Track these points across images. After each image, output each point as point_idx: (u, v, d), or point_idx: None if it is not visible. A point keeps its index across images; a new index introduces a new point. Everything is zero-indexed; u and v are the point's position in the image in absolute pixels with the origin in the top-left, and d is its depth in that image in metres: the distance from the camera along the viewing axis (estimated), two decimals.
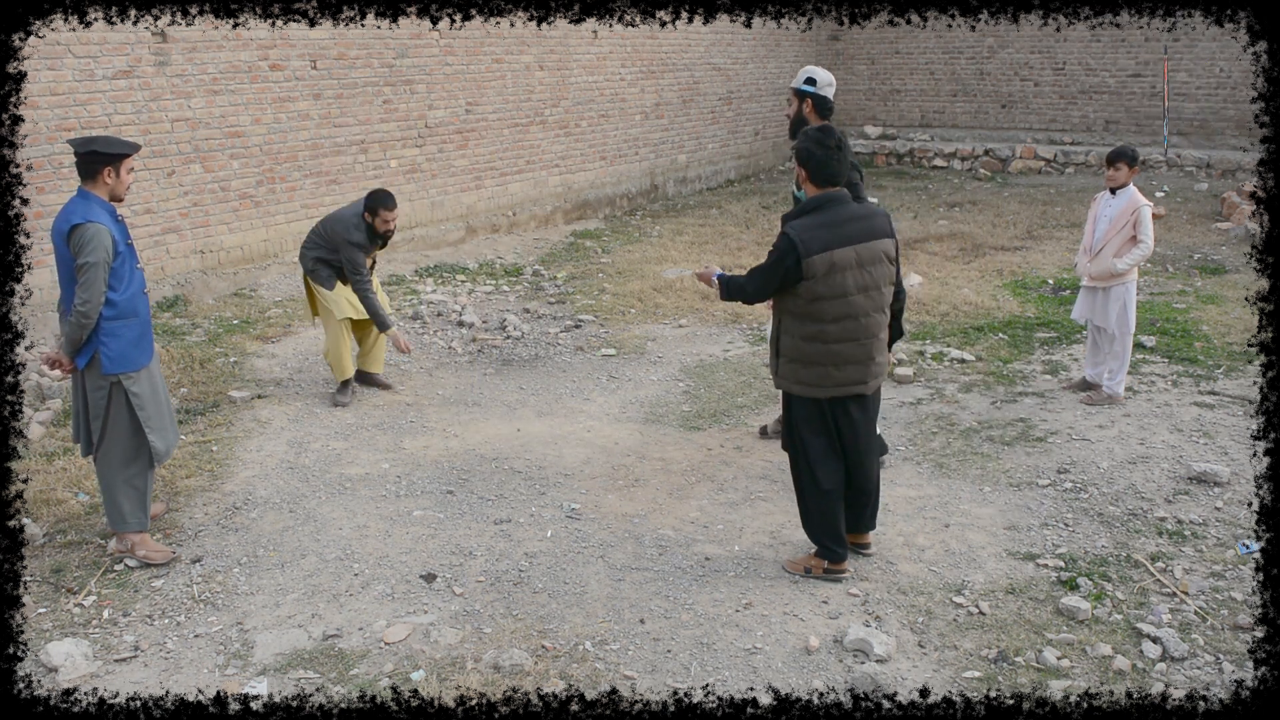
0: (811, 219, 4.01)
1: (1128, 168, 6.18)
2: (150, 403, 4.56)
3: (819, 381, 4.14)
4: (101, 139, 4.41)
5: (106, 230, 4.30)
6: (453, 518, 5.06)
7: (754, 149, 16.60)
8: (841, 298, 4.02)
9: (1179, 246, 10.66)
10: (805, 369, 4.14)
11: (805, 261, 3.94)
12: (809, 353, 4.10)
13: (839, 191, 4.08)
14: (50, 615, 4.24)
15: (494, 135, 11.69)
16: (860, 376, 4.15)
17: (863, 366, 4.14)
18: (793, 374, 4.17)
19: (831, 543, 4.33)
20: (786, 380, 4.22)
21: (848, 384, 4.15)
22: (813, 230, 3.98)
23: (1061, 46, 16.13)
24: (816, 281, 3.97)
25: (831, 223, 4.00)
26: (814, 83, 5.15)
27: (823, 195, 4.06)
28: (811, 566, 4.42)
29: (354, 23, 9.55)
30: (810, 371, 4.13)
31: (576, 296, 9.26)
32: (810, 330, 4.07)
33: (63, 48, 7.67)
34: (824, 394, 4.16)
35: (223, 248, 9.02)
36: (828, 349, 4.08)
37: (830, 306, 4.02)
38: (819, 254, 3.95)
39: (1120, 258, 6.17)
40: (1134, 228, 6.17)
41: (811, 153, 4.04)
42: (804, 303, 4.03)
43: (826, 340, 4.07)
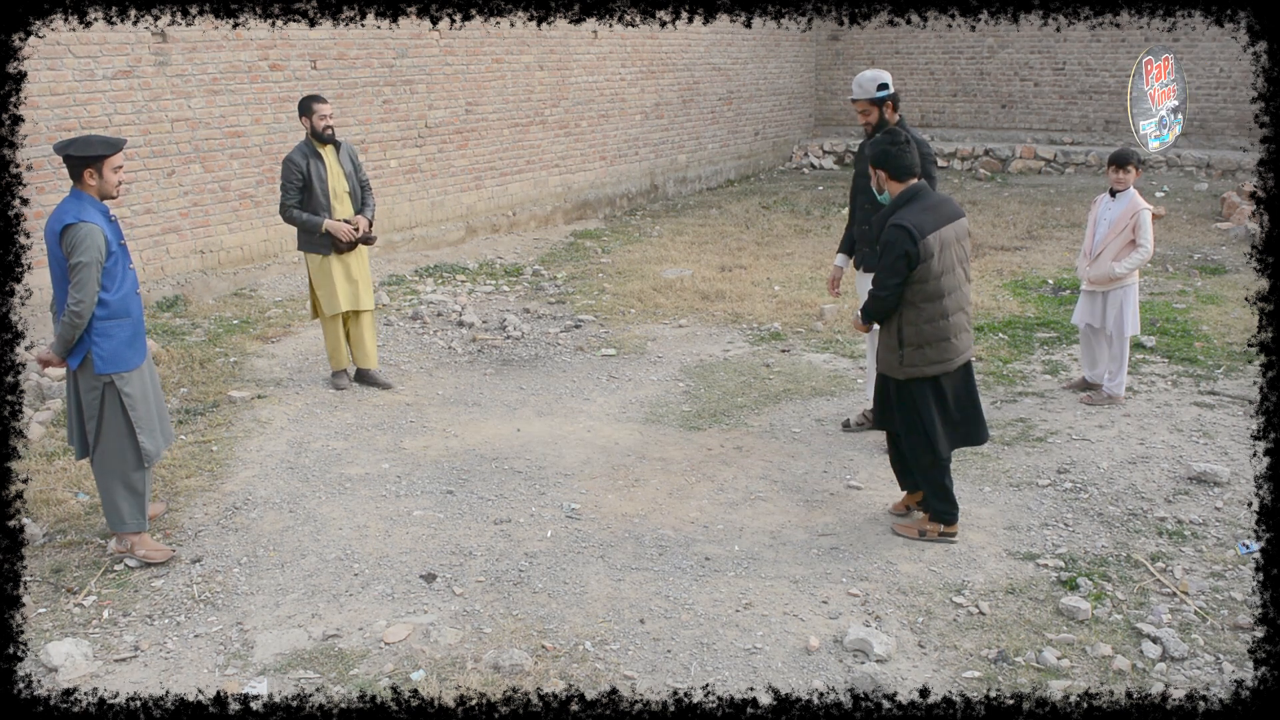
0: (911, 208, 4.41)
1: (1135, 170, 6.15)
2: (142, 404, 4.55)
3: (945, 356, 4.50)
4: (78, 141, 4.35)
5: (99, 230, 4.28)
6: (453, 518, 5.06)
7: (754, 149, 16.60)
8: (950, 271, 4.45)
9: (1179, 246, 10.66)
10: (932, 349, 4.48)
11: (922, 242, 4.32)
12: (931, 333, 4.46)
13: (921, 183, 4.51)
14: (50, 615, 4.24)
15: (494, 135, 11.69)
16: (970, 342, 4.63)
17: (970, 334, 4.61)
18: (922, 358, 4.49)
19: (949, 507, 4.68)
20: (917, 366, 4.50)
21: (966, 351, 4.59)
22: (918, 215, 4.37)
23: (1061, 46, 16.13)
24: (934, 259, 4.36)
25: (928, 207, 4.43)
26: (887, 86, 5.35)
27: (911, 187, 4.47)
28: (927, 530, 4.73)
29: (354, 23, 9.55)
30: (936, 349, 4.48)
31: (576, 296, 9.26)
32: (931, 311, 4.44)
33: (63, 48, 7.67)
34: (951, 366, 4.52)
35: (223, 248, 9.02)
36: (948, 323, 4.47)
37: (945, 281, 4.43)
38: (931, 234, 4.35)
39: (1118, 262, 6.15)
40: (1133, 231, 6.13)
41: (888, 153, 4.46)
42: (921, 285, 4.40)
43: (947, 314, 4.46)
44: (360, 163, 6.79)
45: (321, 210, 6.43)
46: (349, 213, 6.58)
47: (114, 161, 4.37)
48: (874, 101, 5.36)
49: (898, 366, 4.54)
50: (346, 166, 6.59)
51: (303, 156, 6.41)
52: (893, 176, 4.48)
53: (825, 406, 6.51)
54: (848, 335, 7.95)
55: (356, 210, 6.62)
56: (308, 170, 6.39)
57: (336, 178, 6.53)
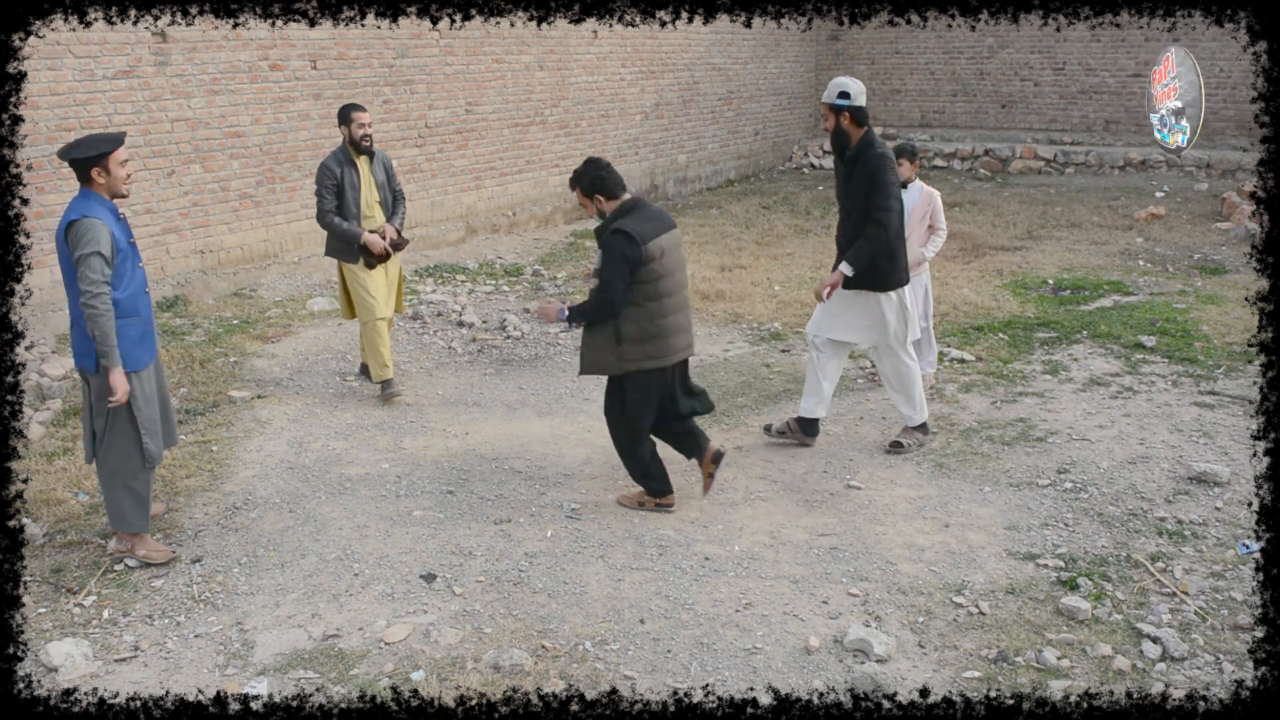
0: (631, 217, 4.74)
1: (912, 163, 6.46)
2: (147, 405, 4.54)
3: (661, 353, 4.84)
4: (79, 143, 4.34)
5: (103, 224, 4.27)
6: (453, 518, 5.06)
7: (754, 149, 16.60)
8: (670, 276, 4.80)
9: (1179, 246, 10.66)
10: (651, 345, 4.81)
11: (644, 247, 4.66)
12: (651, 330, 4.80)
13: (638, 197, 4.89)
14: (50, 615, 4.24)
15: (494, 135, 11.69)
16: (688, 342, 4.97)
17: (687, 334, 4.96)
18: (641, 353, 4.82)
19: (655, 482, 5.08)
20: (635, 361, 4.82)
21: (683, 350, 4.94)
22: (639, 224, 4.71)
23: (1061, 46, 16.13)
24: (655, 263, 4.70)
25: (647, 217, 4.78)
26: (848, 95, 5.30)
27: (627, 202, 4.81)
28: (645, 501, 5.13)
29: (354, 23, 9.55)
30: (654, 346, 4.82)
31: (576, 297, 9.26)
32: (652, 309, 4.77)
33: (63, 48, 7.67)
34: (667, 362, 4.86)
35: (223, 248, 9.02)
36: (666, 322, 4.81)
37: (664, 284, 4.78)
38: (652, 240, 4.70)
39: (925, 247, 6.47)
40: (931, 217, 6.49)
41: (600, 178, 4.78)
42: (643, 286, 4.73)
43: (665, 314, 4.80)
44: (394, 172, 6.66)
45: (351, 219, 6.33)
46: (380, 223, 6.50)
47: (119, 156, 4.35)
48: (833, 108, 5.34)
49: (614, 364, 4.84)
50: (380, 177, 6.48)
51: (338, 164, 6.28)
52: (608, 198, 4.80)
53: None
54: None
55: (387, 220, 6.53)
56: (341, 178, 6.27)
57: (369, 188, 6.42)
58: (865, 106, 5.37)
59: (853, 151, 5.39)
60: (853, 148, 5.39)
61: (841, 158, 5.46)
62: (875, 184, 5.31)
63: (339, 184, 6.28)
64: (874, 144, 5.39)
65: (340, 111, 6.35)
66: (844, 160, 5.45)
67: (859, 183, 5.37)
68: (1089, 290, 9.07)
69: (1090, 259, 10.24)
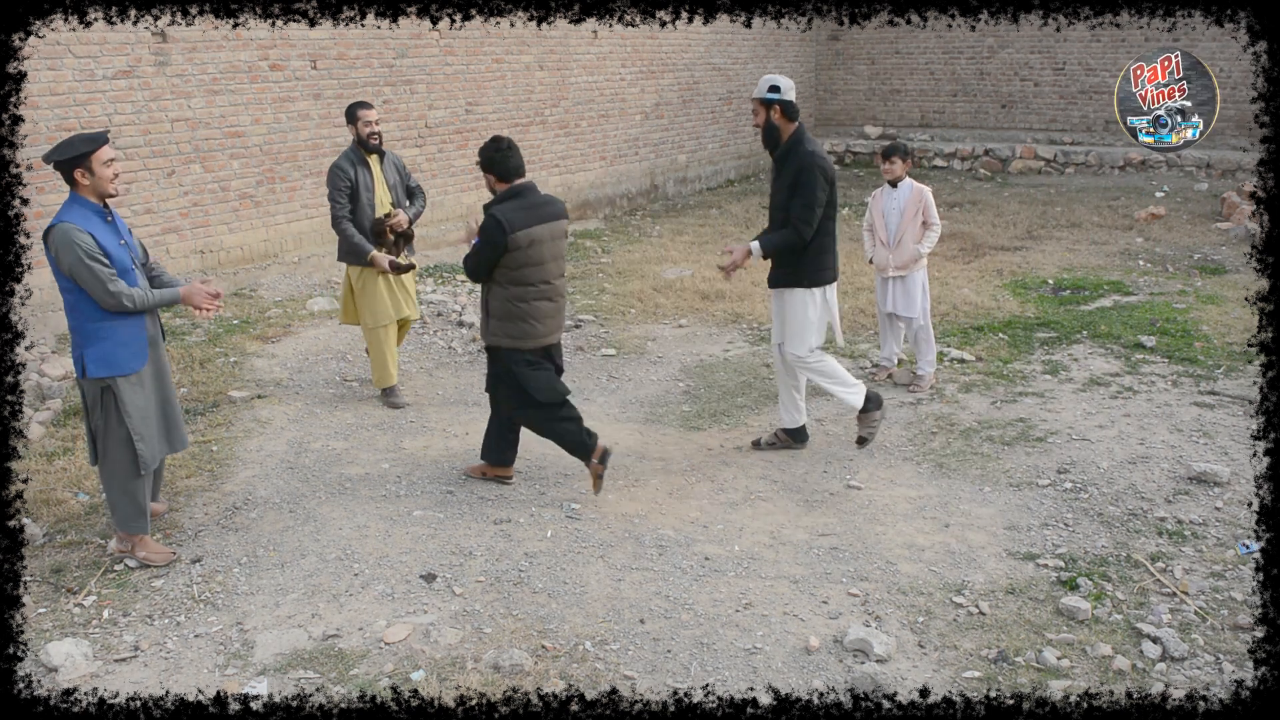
0: (510, 204, 4.84)
1: (904, 161, 6.57)
2: (138, 411, 4.45)
3: (523, 335, 5.00)
4: (60, 146, 4.26)
5: (76, 229, 4.17)
6: (452, 518, 5.06)
7: (754, 149, 16.60)
8: (538, 265, 4.91)
9: (1179, 246, 10.66)
10: (512, 325, 4.98)
11: (510, 235, 4.77)
12: (513, 312, 4.94)
13: (527, 183, 4.94)
14: (50, 615, 4.24)
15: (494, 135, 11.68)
16: (555, 328, 5.11)
17: (556, 320, 5.10)
18: (502, 330, 5.00)
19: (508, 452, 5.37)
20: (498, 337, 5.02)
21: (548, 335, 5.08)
22: (514, 212, 4.81)
23: (1061, 46, 16.13)
24: (520, 252, 4.83)
25: (527, 206, 4.87)
26: (778, 90, 5.26)
27: (515, 186, 4.90)
28: (487, 472, 5.41)
29: (354, 23, 9.55)
30: (515, 327, 4.98)
31: (576, 296, 9.26)
32: (514, 293, 4.92)
33: (63, 48, 7.67)
34: (528, 345, 5.02)
35: (223, 248, 9.02)
36: (528, 306, 4.95)
37: (530, 272, 4.90)
38: (522, 230, 4.80)
39: (920, 243, 6.59)
40: (924, 213, 6.59)
41: (493, 159, 4.88)
42: (508, 270, 4.88)
43: (528, 299, 4.94)
44: (408, 171, 6.57)
45: (367, 220, 6.25)
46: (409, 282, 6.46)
47: (101, 156, 4.25)
48: (763, 102, 5.28)
49: (486, 333, 5.09)
50: (391, 178, 6.37)
51: (350, 164, 6.17)
52: (499, 180, 4.92)
53: (825, 407, 6.51)
54: (848, 335, 7.95)
55: None
56: (356, 179, 6.16)
57: (381, 188, 6.33)
58: (795, 102, 5.29)
59: (783, 147, 5.32)
60: (783, 143, 5.32)
61: (772, 154, 5.40)
62: (799, 186, 5.22)
63: (353, 185, 6.16)
64: (804, 140, 5.30)
65: (347, 110, 6.27)
66: (774, 157, 5.39)
67: (785, 179, 5.29)
68: (1089, 290, 9.07)
69: (1090, 259, 10.24)
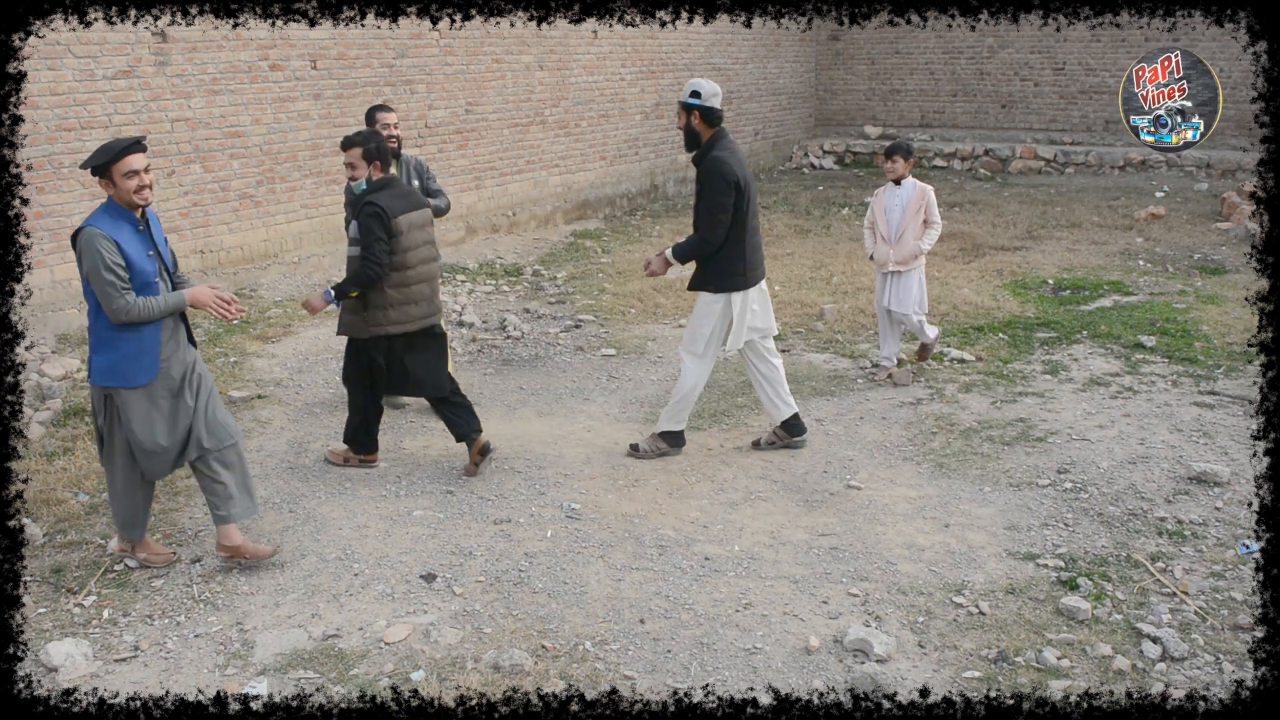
0: (385, 193, 5.20)
1: (905, 160, 6.65)
2: (141, 423, 4.31)
3: (405, 318, 5.28)
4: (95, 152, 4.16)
5: (101, 234, 4.09)
6: (452, 518, 5.06)
7: (754, 149, 16.59)
8: (415, 249, 5.25)
9: (1179, 246, 10.66)
10: (395, 310, 5.24)
11: (393, 221, 5.11)
12: (396, 298, 5.22)
13: (394, 175, 5.39)
14: (50, 615, 4.24)
15: (494, 135, 11.69)
16: (431, 311, 5.41)
17: (431, 303, 5.39)
18: (385, 318, 5.22)
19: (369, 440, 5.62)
20: (381, 325, 5.23)
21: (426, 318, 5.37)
22: (390, 200, 5.17)
23: (1061, 46, 16.13)
24: (403, 236, 5.17)
25: (398, 195, 5.25)
26: (699, 95, 5.32)
27: (387, 177, 5.28)
28: (350, 458, 5.63)
29: (354, 23, 9.55)
30: (398, 312, 5.25)
31: (576, 296, 9.26)
32: (396, 279, 5.19)
33: (63, 48, 7.67)
34: (411, 328, 5.29)
35: (223, 248, 9.02)
36: (410, 290, 5.24)
37: (410, 256, 5.22)
38: (401, 215, 5.16)
39: (921, 240, 6.69)
40: (925, 211, 6.69)
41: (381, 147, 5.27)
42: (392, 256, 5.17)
43: (409, 284, 5.23)
44: (431, 174, 6.49)
45: None
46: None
47: (121, 167, 4.11)
48: (685, 106, 5.36)
49: (363, 326, 5.25)
50: (411, 182, 6.26)
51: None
52: (382, 168, 5.26)
53: (825, 406, 6.51)
54: (847, 335, 7.95)
55: None
56: None
57: None
58: (718, 110, 5.34)
59: (699, 153, 5.40)
60: (700, 148, 5.40)
61: (693, 159, 5.47)
62: (704, 191, 5.32)
63: None
64: (716, 146, 5.36)
65: (366, 114, 6.23)
66: (693, 161, 5.47)
67: (697, 185, 5.40)
68: (1089, 290, 9.07)
69: (1090, 259, 10.24)
